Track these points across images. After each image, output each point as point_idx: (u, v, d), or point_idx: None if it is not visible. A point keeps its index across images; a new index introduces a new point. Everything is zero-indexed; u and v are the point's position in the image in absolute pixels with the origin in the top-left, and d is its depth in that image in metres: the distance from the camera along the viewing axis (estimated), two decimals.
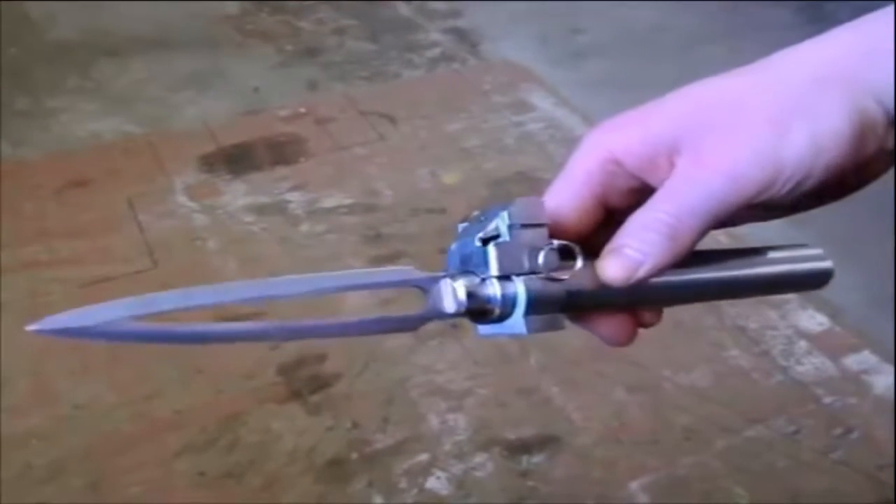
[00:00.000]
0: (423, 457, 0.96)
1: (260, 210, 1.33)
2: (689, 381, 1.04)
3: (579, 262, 0.36)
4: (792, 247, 0.45)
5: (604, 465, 0.94)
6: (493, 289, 0.35)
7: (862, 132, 0.34)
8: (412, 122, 1.55)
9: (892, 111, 0.34)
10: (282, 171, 1.42)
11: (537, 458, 0.96)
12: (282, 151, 1.47)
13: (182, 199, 1.35)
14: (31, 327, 0.33)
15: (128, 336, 0.34)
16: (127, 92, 1.67)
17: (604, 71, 1.78)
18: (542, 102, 1.61)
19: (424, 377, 1.05)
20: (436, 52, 1.83)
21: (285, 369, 1.06)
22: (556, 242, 0.35)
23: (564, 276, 0.35)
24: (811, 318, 1.13)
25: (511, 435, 0.98)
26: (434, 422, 1.00)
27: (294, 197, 1.36)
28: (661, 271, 0.36)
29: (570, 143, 1.50)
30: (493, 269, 0.35)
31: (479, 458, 0.96)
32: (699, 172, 0.35)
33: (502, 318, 0.36)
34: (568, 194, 0.38)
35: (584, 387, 1.03)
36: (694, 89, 0.38)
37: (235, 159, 1.45)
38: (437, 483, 0.93)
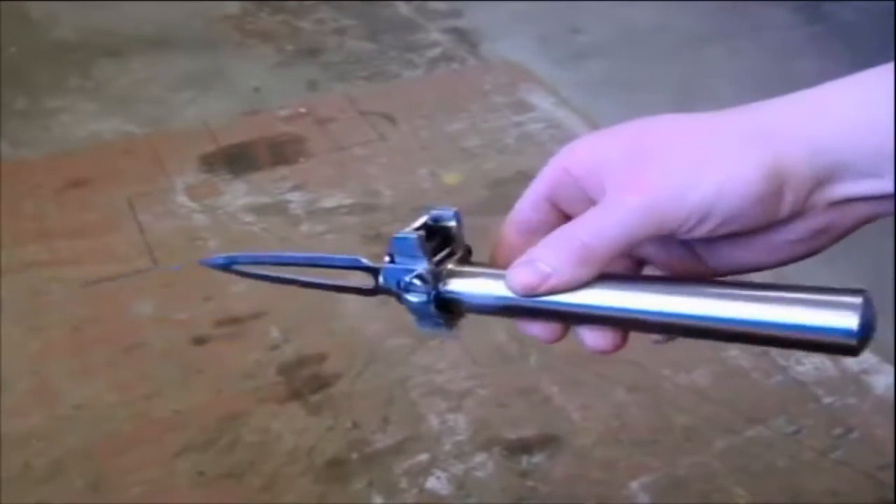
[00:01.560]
0: (423, 457, 0.96)
1: (260, 210, 1.33)
2: (689, 381, 1.04)
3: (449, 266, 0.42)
4: (821, 290, 0.36)
5: (604, 465, 0.94)
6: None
7: (776, 186, 0.35)
8: (412, 122, 1.55)
9: (821, 172, 0.36)
10: (282, 171, 1.42)
11: (537, 458, 0.96)
12: (282, 151, 1.47)
13: (182, 199, 1.35)
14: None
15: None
16: (127, 92, 1.68)
17: (604, 71, 1.79)
18: (542, 102, 1.61)
19: (424, 377, 1.05)
20: (436, 52, 1.83)
21: (285, 369, 1.06)
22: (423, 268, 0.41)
23: (425, 289, 0.41)
24: None
25: (511, 435, 0.98)
26: (434, 422, 1.00)
27: (294, 197, 1.36)
28: (566, 289, 0.38)
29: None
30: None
31: (479, 458, 0.96)
32: (618, 201, 0.37)
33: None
34: (528, 198, 0.44)
35: (584, 387, 1.03)
36: (646, 122, 0.40)
37: (235, 159, 1.45)
38: (437, 483, 0.93)
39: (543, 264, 0.38)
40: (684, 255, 0.41)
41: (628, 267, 0.44)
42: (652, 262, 0.43)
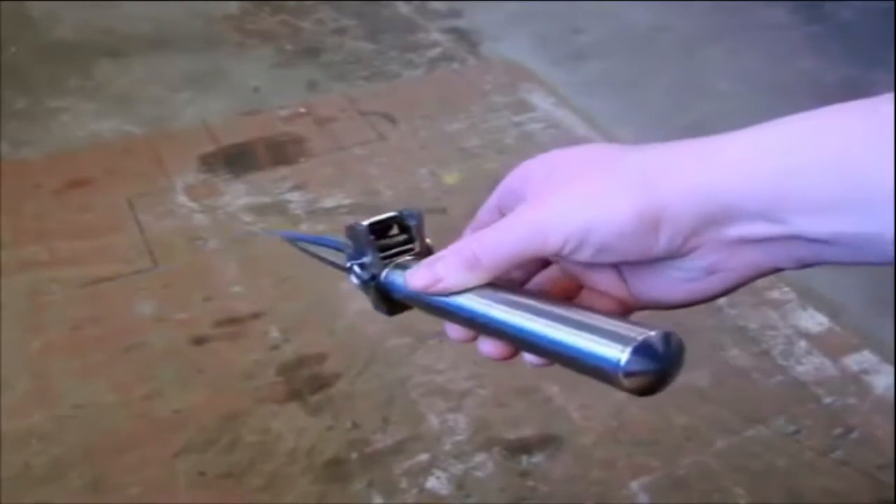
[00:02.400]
0: (423, 457, 0.96)
1: (260, 210, 1.33)
2: (689, 381, 1.04)
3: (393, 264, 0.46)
4: (627, 324, 0.37)
5: (604, 465, 0.94)
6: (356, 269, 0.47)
7: (649, 225, 0.37)
8: (412, 122, 1.55)
9: (708, 214, 0.37)
10: (282, 171, 1.42)
11: (537, 458, 0.96)
12: (282, 151, 1.47)
13: (182, 199, 1.35)
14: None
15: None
16: (127, 92, 1.68)
17: (603, 71, 1.79)
18: (542, 102, 1.61)
19: (424, 377, 1.05)
20: (436, 52, 1.83)
21: (285, 369, 1.06)
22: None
23: (373, 270, 0.46)
24: (811, 318, 1.13)
25: (511, 435, 0.98)
26: (434, 422, 1.00)
27: (294, 197, 1.36)
28: (454, 291, 0.42)
29: (570, 143, 1.50)
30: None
31: (479, 458, 0.96)
32: (513, 218, 0.40)
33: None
34: (485, 206, 0.48)
35: (584, 387, 1.03)
36: (576, 149, 0.43)
37: (235, 159, 1.45)
38: (437, 483, 0.93)
39: (440, 267, 0.42)
40: (613, 282, 0.43)
41: (567, 287, 0.45)
42: (585, 284, 0.45)
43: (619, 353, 0.35)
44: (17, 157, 1.47)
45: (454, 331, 0.45)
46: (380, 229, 0.47)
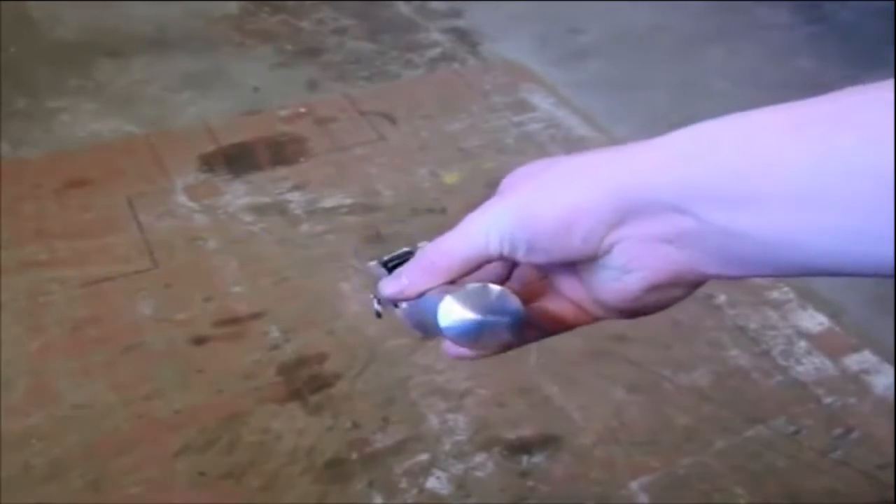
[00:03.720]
0: (423, 457, 0.96)
1: (260, 210, 1.33)
2: (689, 381, 1.04)
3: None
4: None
5: (604, 465, 0.95)
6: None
7: (565, 221, 0.38)
8: (412, 122, 1.55)
9: (623, 209, 0.37)
10: (282, 171, 1.42)
11: (537, 458, 0.96)
12: (282, 151, 1.47)
13: (182, 199, 1.35)
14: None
15: None
16: (127, 92, 1.67)
17: (604, 71, 1.78)
18: (542, 102, 1.61)
19: (424, 377, 1.05)
20: (436, 52, 1.83)
21: (285, 369, 1.06)
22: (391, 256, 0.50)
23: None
24: (811, 318, 1.13)
25: (511, 435, 0.98)
26: (434, 422, 1.00)
27: (294, 197, 1.36)
28: (418, 295, 0.45)
29: (570, 143, 1.50)
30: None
31: (479, 458, 0.96)
32: (463, 224, 0.43)
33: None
34: None
35: (584, 387, 1.03)
36: (539, 162, 0.44)
37: (235, 159, 1.45)
38: (437, 483, 0.93)
39: (404, 275, 0.46)
40: (573, 286, 0.44)
41: (535, 288, 0.47)
42: (552, 286, 0.46)
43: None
44: (17, 157, 1.47)
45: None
46: (397, 263, 0.49)
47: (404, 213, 1.32)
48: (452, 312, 0.40)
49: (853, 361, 1.07)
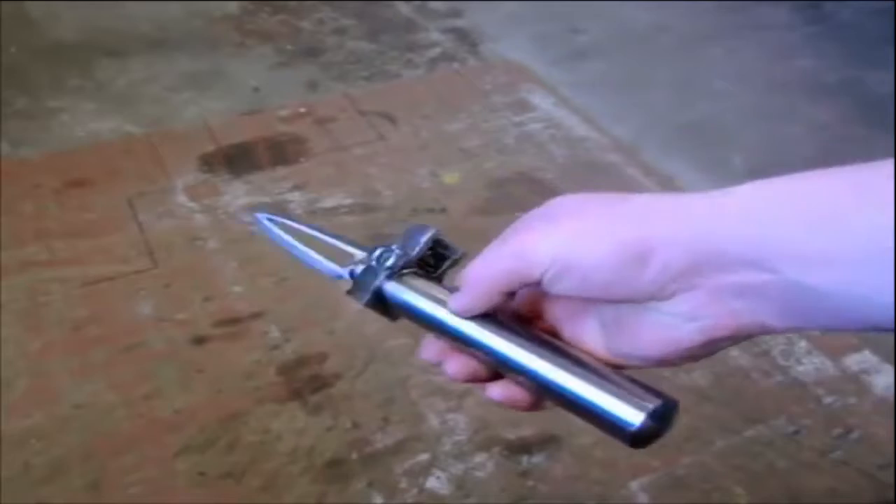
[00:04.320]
0: (423, 457, 0.96)
1: (260, 210, 1.33)
2: (689, 381, 1.04)
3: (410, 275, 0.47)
4: (636, 386, 0.41)
5: (604, 465, 0.95)
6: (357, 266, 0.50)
7: (636, 254, 0.38)
8: (412, 122, 1.55)
9: (699, 257, 0.37)
10: (282, 171, 1.42)
11: (537, 458, 0.96)
12: (282, 151, 1.47)
13: (182, 199, 1.35)
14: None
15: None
16: (127, 92, 1.68)
17: (604, 71, 1.79)
18: (542, 102, 1.61)
19: (424, 377, 1.05)
20: (436, 52, 1.83)
21: (285, 369, 1.06)
22: (398, 250, 0.48)
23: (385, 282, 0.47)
24: None
25: (511, 435, 0.98)
26: (434, 422, 1.00)
27: (294, 197, 1.36)
28: (462, 314, 0.44)
29: (570, 143, 1.50)
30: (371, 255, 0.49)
31: (479, 458, 0.96)
32: (501, 243, 0.42)
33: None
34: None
35: None
36: (591, 195, 0.43)
37: (235, 159, 1.45)
38: (437, 483, 0.93)
39: (461, 299, 0.45)
40: (593, 335, 0.44)
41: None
42: (564, 336, 0.45)
43: (635, 418, 0.40)
44: (16, 156, 1.47)
45: (428, 352, 0.47)
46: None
47: (404, 213, 1.32)
48: None
49: (853, 361, 1.07)
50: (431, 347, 0.47)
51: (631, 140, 1.53)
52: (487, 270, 0.43)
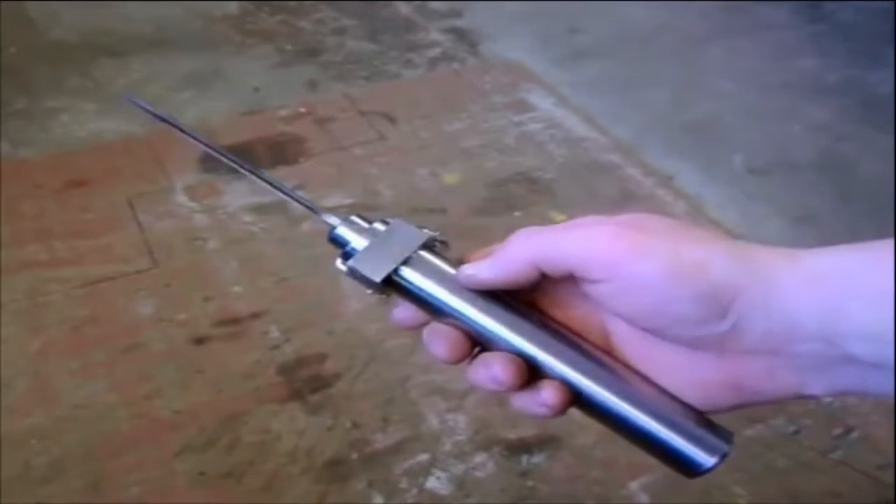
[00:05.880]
0: (423, 457, 0.96)
1: (260, 210, 1.33)
2: None
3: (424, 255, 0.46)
4: (703, 423, 0.41)
5: (603, 464, 0.95)
6: (348, 234, 0.52)
7: (728, 295, 0.38)
8: (412, 122, 1.55)
9: (777, 316, 0.37)
10: (282, 171, 1.42)
11: (537, 458, 0.96)
12: (282, 151, 1.47)
13: (182, 199, 1.35)
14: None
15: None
16: (127, 92, 1.68)
17: (604, 71, 1.78)
18: (542, 102, 1.61)
19: (424, 377, 1.05)
20: (436, 52, 1.83)
21: (285, 369, 1.06)
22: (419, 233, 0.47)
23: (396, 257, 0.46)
24: None
25: (511, 435, 0.98)
26: (434, 422, 1.00)
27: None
28: (485, 286, 0.44)
29: (570, 143, 1.50)
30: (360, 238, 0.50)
31: (479, 458, 0.96)
32: (571, 231, 0.42)
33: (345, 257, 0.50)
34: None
35: None
36: (671, 221, 0.43)
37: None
38: (437, 483, 0.93)
39: (477, 265, 0.44)
40: (641, 348, 0.43)
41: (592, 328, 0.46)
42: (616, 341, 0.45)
43: (709, 460, 0.41)
44: (17, 157, 1.47)
45: (402, 314, 0.47)
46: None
47: (404, 212, 1.32)
48: None
49: None
50: (439, 341, 0.46)
51: (631, 140, 1.53)
52: (531, 253, 0.42)
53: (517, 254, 0.42)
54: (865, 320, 0.35)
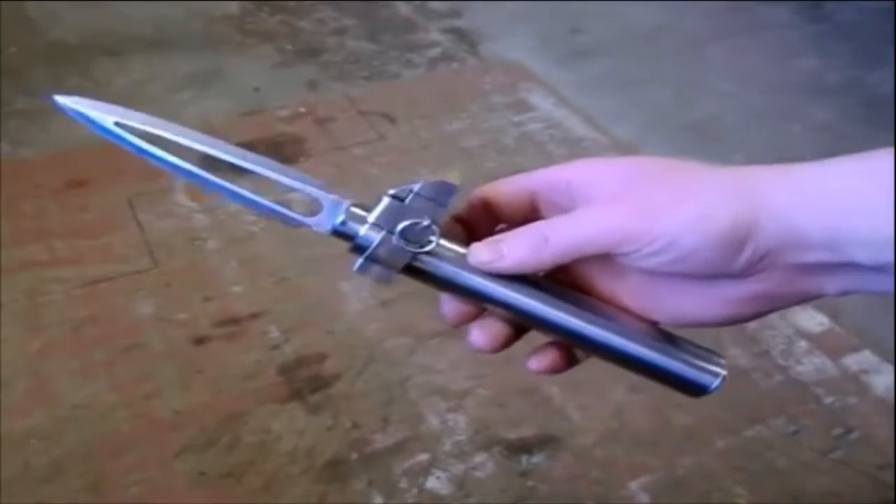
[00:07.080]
0: (423, 457, 0.96)
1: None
2: None
3: (435, 242, 0.43)
4: (698, 349, 0.45)
5: (604, 464, 0.94)
6: (362, 228, 0.46)
7: (741, 236, 0.39)
8: (412, 122, 1.55)
9: (785, 236, 0.39)
10: None
11: (537, 458, 0.96)
12: (282, 151, 1.47)
13: (182, 199, 1.35)
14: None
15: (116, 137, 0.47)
16: (127, 92, 1.67)
17: (604, 71, 1.78)
18: (542, 102, 1.61)
19: (424, 377, 1.05)
20: (436, 52, 1.83)
21: (285, 369, 1.06)
22: (428, 221, 0.44)
23: (417, 249, 0.43)
24: (811, 318, 1.13)
25: (511, 435, 0.98)
26: (434, 422, 1.00)
27: (294, 197, 1.36)
28: (517, 271, 0.42)
29: (570, 143, 1.50)
30: (373, 215, 0.46)
31: (479, 458, 0.96)
32: (597, 209, 0.41)
33: (357, 250, 0.46)
34: (513, 183, 0.46)
35: (584, 387, 1.03)
36: (645, 158, 0.44)
37: None
38: (437, 483, 0.93)
39: (504, 245, 0.42)
40: (639, 295, 0.44)
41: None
42: (595, 290, 0.45)
43: (712, 381, 0.46)
44: (16, 157, 1.47)
45: (449, 307, 0.46)
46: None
47: None
48: None
49: (853, 361, 1.07)
50: (452, 306, 0.46)
51: (632, 140, 1.53)
52: (576, 233, 0.41)
53: (539, 255, 0.42)
54: (867, 231, 0.37)
